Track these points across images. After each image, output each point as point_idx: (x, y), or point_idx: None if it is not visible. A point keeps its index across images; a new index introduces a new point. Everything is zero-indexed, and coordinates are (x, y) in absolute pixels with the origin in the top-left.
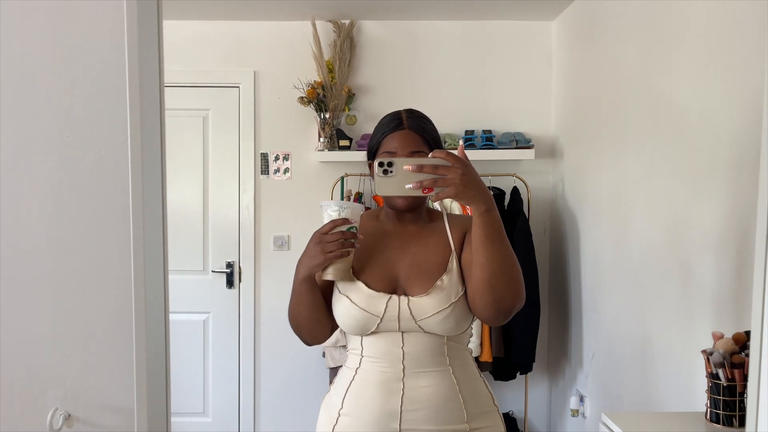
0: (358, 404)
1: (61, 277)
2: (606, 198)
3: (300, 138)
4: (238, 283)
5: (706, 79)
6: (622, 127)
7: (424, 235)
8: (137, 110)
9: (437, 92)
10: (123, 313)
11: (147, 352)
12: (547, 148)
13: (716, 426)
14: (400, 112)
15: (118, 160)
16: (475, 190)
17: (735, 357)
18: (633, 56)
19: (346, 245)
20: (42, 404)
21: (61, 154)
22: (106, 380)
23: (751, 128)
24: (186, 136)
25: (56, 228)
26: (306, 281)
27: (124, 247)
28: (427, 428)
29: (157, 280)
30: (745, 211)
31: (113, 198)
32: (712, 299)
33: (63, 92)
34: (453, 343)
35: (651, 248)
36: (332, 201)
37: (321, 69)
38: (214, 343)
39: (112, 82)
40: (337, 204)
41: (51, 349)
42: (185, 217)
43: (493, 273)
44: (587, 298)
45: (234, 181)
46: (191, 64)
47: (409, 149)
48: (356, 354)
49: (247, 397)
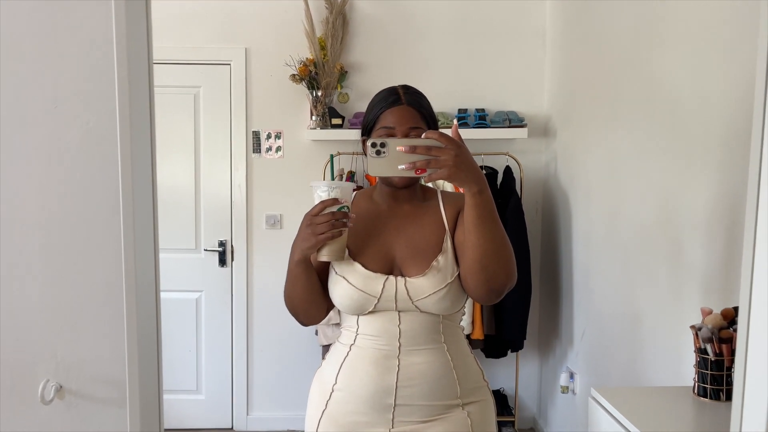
0: (353, 380)
1: (50, 249)
2: (598, 177)
3: (292, 116)
4: (230, 261)
5: (700, 58)
6: (615, 107)
7: (418, 214)
8: (125, 81)
9: (430, 70)
10: (114, 285)
11: (138, 324)
12: (540, 127)
13: (703, 400)
14: (396, 88)
15: (107, 131)
16: (468, 171)
17: (723, 332)
18: (627, 35)
19: (337, 225)
20: (33, 376)
21: (48, 125)
22: (98, 352)
23: (743, 108)
24: (177, 114)
25: (46, 200)
26: (301, 263)
27: (114, 219)
28: (422, 404)
29: (147, 251)
30: (736, 190)
31: (103, 169)
32: (701, 277)
33: (50, 62)
34: (448, 321)
35: (642, 227)
36: (321, 181)
37: (313, 46)
38: (207, 321)
39: (100, 52)
40: (326, 184)
41: (41, 322)
42: (177, 195)
43: (485, 254)
44: (578, 277)
45: (226, 160)
46: (181, 41)
47: (407, 125)
48: (351, 331)
49: (240, 375)
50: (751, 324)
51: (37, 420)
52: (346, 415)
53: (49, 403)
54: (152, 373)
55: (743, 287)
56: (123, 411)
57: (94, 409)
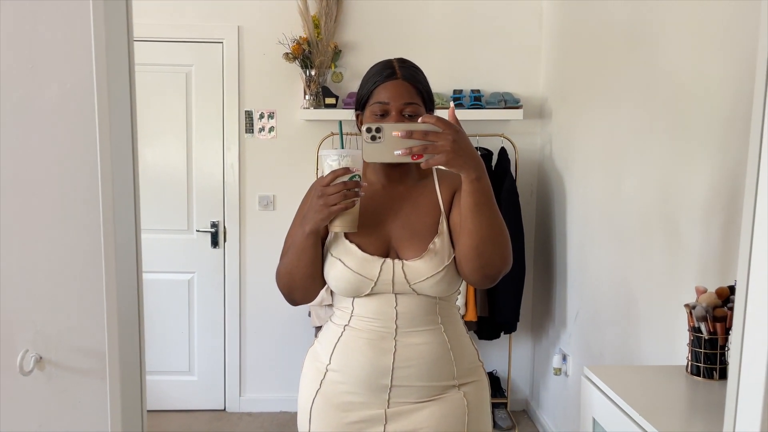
0: (348, 360)
1: (27, 215)
2: (594, 159)
3: (285, 96)
4: (223, 242)
5: (700, 40)
6: (611, 89)
7: (414, 195)
8: (102, 40)
9: (426, 50)
10: (93, 254)
11: (118, 294)
12: (535, 108)
13: (697, 378)
14: (391, 61)
15: (84, 93)
16: (466, 157)
17: (717, 311)
18: (625, 15)
19: (349, 195)
20: (12, 346)
21: (24, 85)
22: (78, 322)
23: (743, 89)
24: (168, 93)
25: (22, 164)
26: (312, 235)
27: (92, 185)
28: (418, 384)
29: (127, 219)
30: (734, 170)
31: (80, 133)
32: (696, 257)
33: (24, 20)
34: (444, 303)
35: (638, 208)
36: (331, 150)
37: (307, 24)
38: (199, 302)
39: (78, 7)
40: (336, 152)
41: (20, 291)
42: (168, 175)
43: (481, 240)
44: (572, 259)
45: (218, 140)
46: (173, 19)
47: (402, 100)
48: (345, 312)
49: (232, 356)
50: (748, 302)
51: (17, 391)
52: (341, 395)
53: (28, 374)
54: (133, 344)
55: (741, 264)
56: (104, 383)
57: (74, 380)
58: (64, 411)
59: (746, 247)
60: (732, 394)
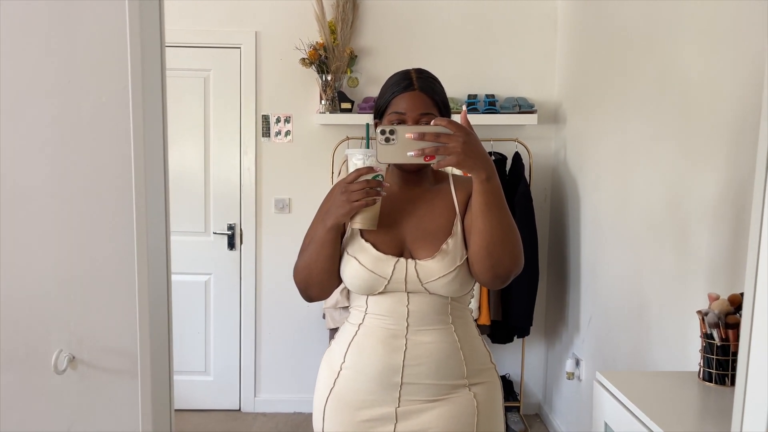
0: (361, 358)
1: (63, 220)
2: (607, 164)
3: (301, 100)
4: (239, 245)
5: (712, 47)
6: (625, 94)
7: (429, 197)
8: (138, 57)
9: (440, 56)
10: (126, 257)
11: (149, 296)
12: (550, 113)
13: (709, 384)
14: (409, 72)
15: (119, 107)
16: (477, 158)
17: (730, 317)
18: (639, 21)
19: (371, 193)
20: (46, 346)
21: (62, 98)
22: (110, 323)
23: (752, 96)
24: (187, 98)
25: (59, 172)
26: (332, 230)
27: (126, 192)
28: (428, 382)
29: (159, 225)
30: (744, 178)
31: (115, 144)
32: (708, 264)
33: (63, 37)
34: (456, 303)
35: (650, 214)
36: (357, 150)
37: (323, 30)
38: (216, 304)
39: (113, 27)
40: (361, 152)
41: (54, 292)
42: (186, 178)
43: (491, 240)
44: (586, 264)
45: (235, 144)
46: (192, 24)
47: (418, 111)
48: (360, 311)
49: (248, 357)
50: (755, 309)
51: (50, 389)
52: (354, 393)
53: (62, 373)
54: (163, 344)
55: (749, 272)
56: (135, 382)
57: (106, 380)
58: (95, 409)
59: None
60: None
